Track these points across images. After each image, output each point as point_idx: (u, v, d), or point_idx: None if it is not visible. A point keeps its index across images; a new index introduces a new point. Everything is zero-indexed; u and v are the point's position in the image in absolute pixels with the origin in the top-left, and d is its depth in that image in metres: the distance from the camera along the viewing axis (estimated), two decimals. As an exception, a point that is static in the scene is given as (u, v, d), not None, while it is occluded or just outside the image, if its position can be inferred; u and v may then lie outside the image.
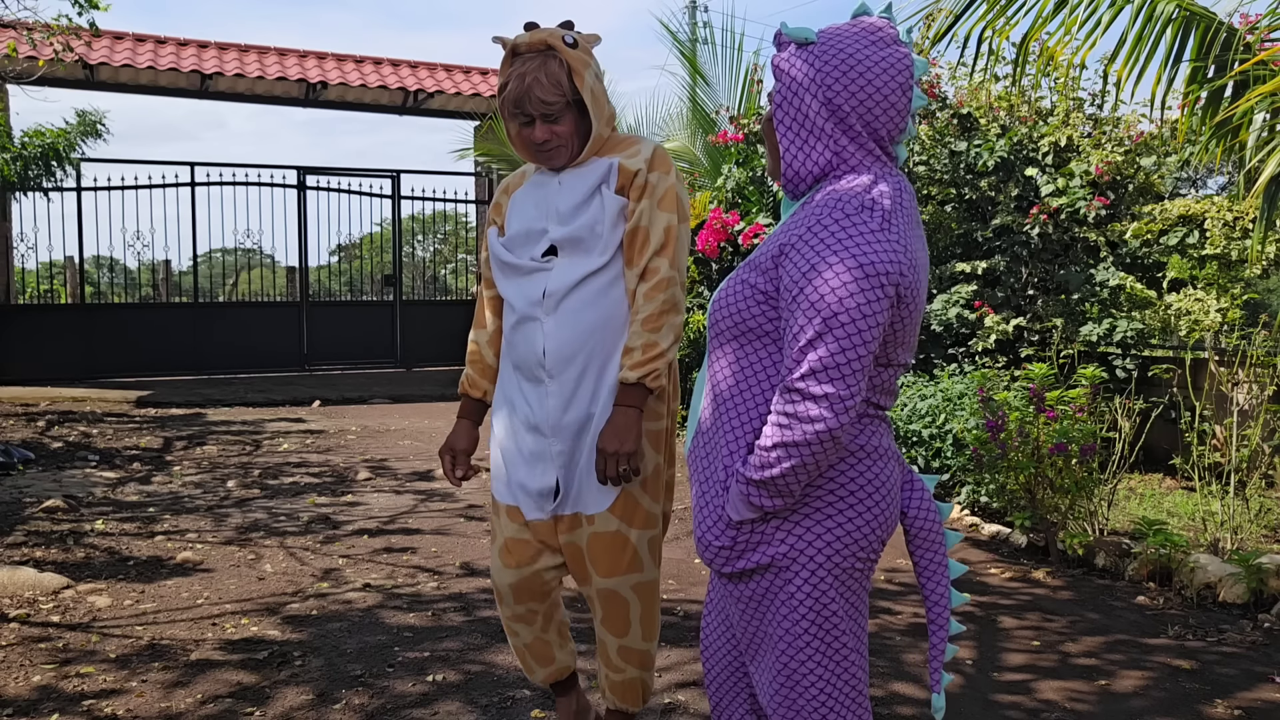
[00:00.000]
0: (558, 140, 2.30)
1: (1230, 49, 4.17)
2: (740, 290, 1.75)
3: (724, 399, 1.79)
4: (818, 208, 1.69)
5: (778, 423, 1.64)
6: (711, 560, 1.80)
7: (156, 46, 11.14)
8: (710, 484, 1.80)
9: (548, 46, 2.27)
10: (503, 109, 2.31)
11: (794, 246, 1.67)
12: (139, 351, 11.78)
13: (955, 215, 7.65)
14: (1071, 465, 4.56)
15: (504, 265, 2.40)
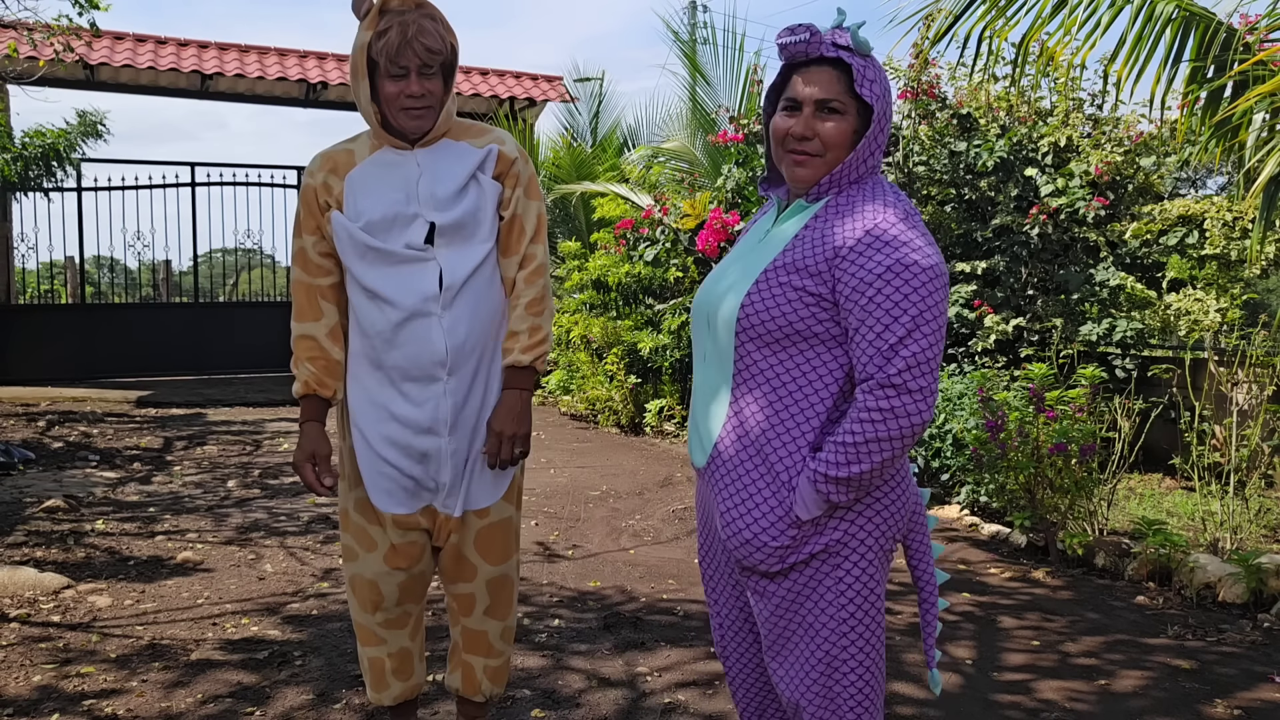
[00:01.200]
0: (431, 99, 2.17)
1: (1230, 49, 4.18)
2: (786, 294, 1.76)
3: (777, 401, 1.79)
4: (870, 217, 1.76)
5: (870, 419, 1.70)
6: (763, 560, 1.81)
7: (157, 47, 11.14)
8: (760, 486, 1.80)
9: (421, 4, 2.16)
10: (369, 62, 2.15)
11: (860, 251, 1.72)
12: (139, 351, 11.78)
13: (955, 215, 7.65)
14: (1071, 465, 4.56)
15: (371, 252, 2.19)
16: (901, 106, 7.55)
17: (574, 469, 6.76)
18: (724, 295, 1.86)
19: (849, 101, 1.79)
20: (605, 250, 9.28)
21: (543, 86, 12.53)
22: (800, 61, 1.81)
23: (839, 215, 1.80)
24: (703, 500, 2.02)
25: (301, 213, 2.27)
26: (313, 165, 2.28)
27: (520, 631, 3.60)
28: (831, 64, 1.79)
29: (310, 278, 2.27)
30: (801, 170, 1.82)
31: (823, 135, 1.79)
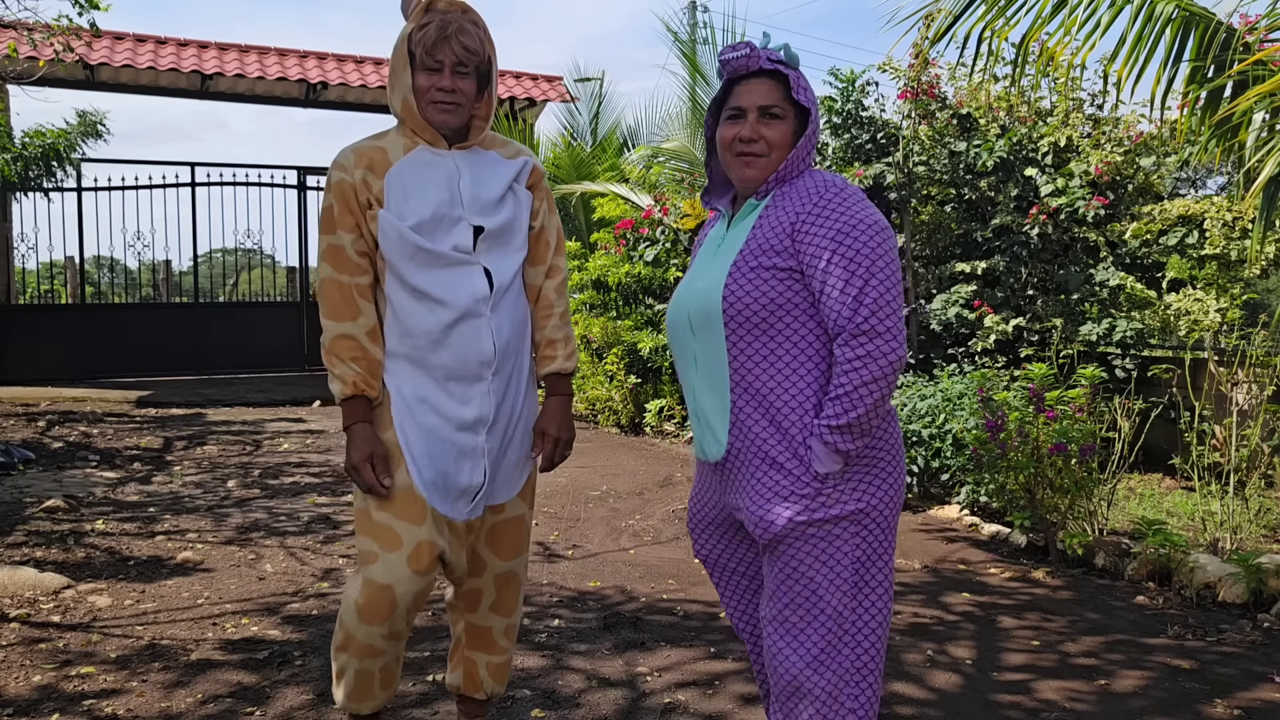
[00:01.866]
0: (462, 96, 2.19)
1: (1230, 49, 4.17)
2: (760, 275, 1.94)
3: (777, 374, 1.95)
4: (815, 190, 1.96)
5: (851, 367, 1.88)
6: (792, 517, 1.93)
7: (157, 47, 11.14)
8: (780, 453, 1.94)
9: (466, 9, 2.21)
10: (406, 54, 2.18)
11: (812, 220, 1.92)
12: (139, 351, 11.78)
13: (955, 215, 7.65)
14: (1071, 465, 4.56)
15: (421, 253, 2.20)
16: (901, 106, 7.55)
17: (574, 469, 6.76)
18: (700, 296, 2.01)
19: (787, 107, 2.01)
20: (605, 250, 9.28)
21: (543, 86, 12.53)
22: (741, 75, 2.03)
23: (787, 199, 2.00)
24: (708, 492, 2.17)
25: (337, 208, 2.21)
26: (345, 160, 2.23)
27: (520, 631, 3.59)
28: (769, 76, 2.01)
29: (348, 276, 2.22)
30: (750, 170, 2.01)
31: (767, 137, 1.99)
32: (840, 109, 7.48)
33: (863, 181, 7.07)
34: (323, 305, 2.23)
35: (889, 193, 7.13)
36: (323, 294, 2.24)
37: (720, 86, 2.08)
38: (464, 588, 2.42)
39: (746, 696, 3.06)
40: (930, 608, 3.97)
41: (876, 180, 7.06)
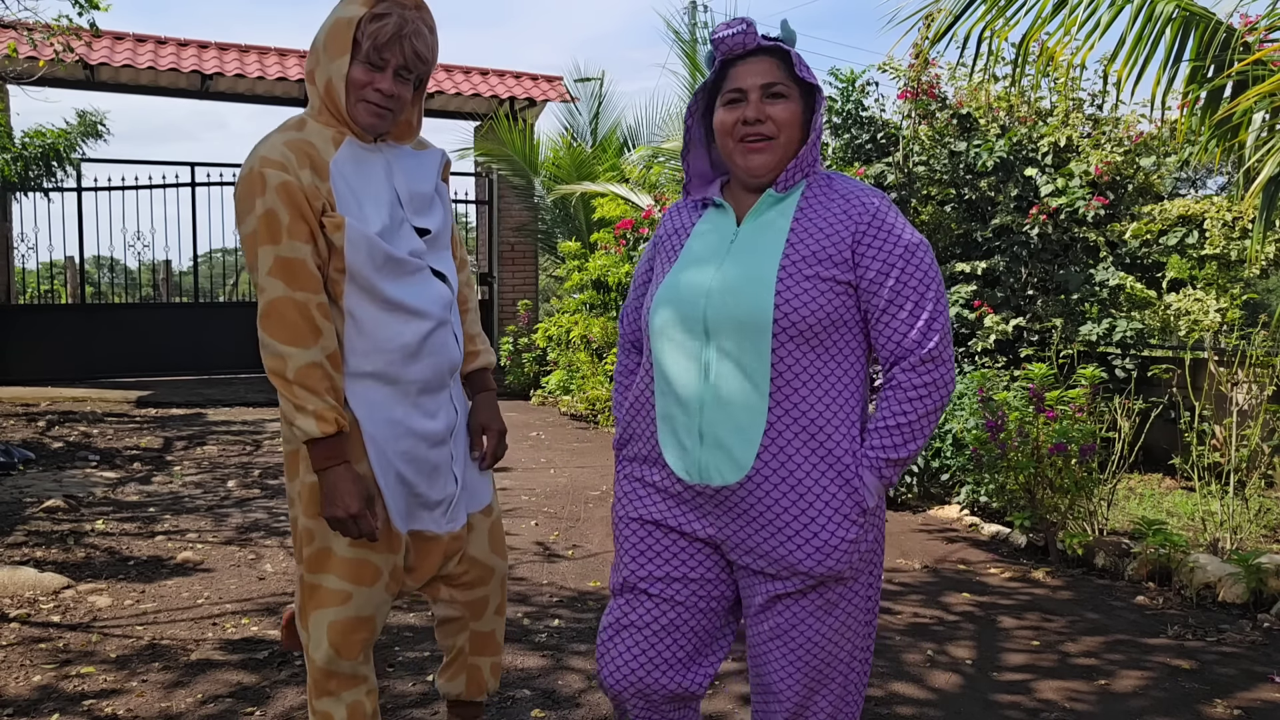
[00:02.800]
0: (397, 103, 2.03)
1: (1230, 49, 4.17)
2: (817, 287, 1.79)
3: (825, 395, 1.80)
4: (868, 201, 1.84)
5: (918, 395, 1.80)
6: (838, 562, 1.80)
7: (157, 47, 11.13)
8: (826, 484, 1.79)
9: (421, 6, 2.03)
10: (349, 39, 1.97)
11: (875, 235, 1.81)
12: (139, 351, 11.78)
13: (955, 215, 7.65)
14: (1071, 465, 4.56)
15: (391, 262, 2.02)
16: (902, 106, 7.55)
17: (574, 469, 6.76)
18: (728, 298, 1.80)
19: (791, 85, 1.85)
20: (605, 250, 9.28)
21: (543, 86, 12.52)
22: (737, 55, 1.86)
23: (833, 200, 1.86)
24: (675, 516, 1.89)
25: (285, 215, 1.92)
26: (282, 158, 1.94)
27: (520, 631, 3.60)
28: (767, 54, 1.86)
29: (306, 294, 1.94)
30: (758, 156, 1.84)
31: (774, 117, 1.83)
32: (840, 109, 7.48)
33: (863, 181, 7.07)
34: (276, 330, 1.94)
35: (889, 193, 7.13)
36: (276, 316, 1.94)
37: (713, 69, 1.90)
38: (471, 598, 2.33)
39: (746, 696, 3.06)
40: (930, 608, 3.97)
41: (877, 180, 7.06)
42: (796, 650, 1.86)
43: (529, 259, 12.75)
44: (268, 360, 1.98)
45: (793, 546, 1.80)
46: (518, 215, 12.60)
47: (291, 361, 1.95)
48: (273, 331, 1.95)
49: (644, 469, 1.93)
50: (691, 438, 1.83)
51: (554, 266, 12.79)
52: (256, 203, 1.93)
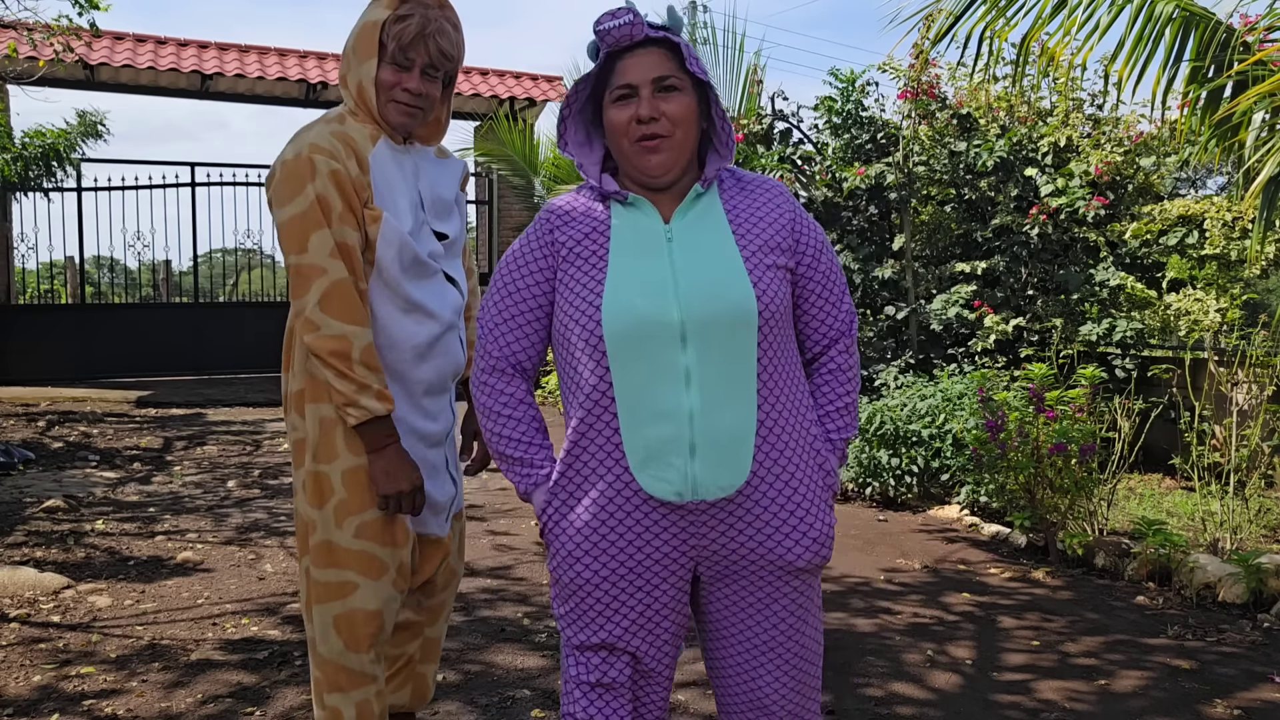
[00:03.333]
0: (426, 101, 2.06)
1: (1230, 49, 4.17)
2: (777, 275, 1.75)
3: (792, 385, 1.77)
4: (782, 191, 1.85)
5: (854, 374, 1.86)
6: (824, 549, 1.79)
7: (157, 47, 11.14)
8: (808, 475, 1.77)
9: (445, 5, 2.06)
10: (376, 41, 2.01)
11: (805, 221, 1.82)
12: (139, 351, 11.78)
13: (955, 215, 7.65)
14: (1071, 465, 4.56)
15: (417, 263, 2.05)
16: (902, 106, 7.55)
17: (574, 469, 6.75)
18: (708, 298, 1.69)
19: (684, 78, 1.72)
20: (605, 250, 9.26)
21: (543, 86, 12.53)
22: (624, 48, 1.72)
23: (751, 190, 1.82)
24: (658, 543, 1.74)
25: (337, 202, 1.96)
26: (331, 146, 1.98)
27: (520, 631, 3.60)
28: (656, 45, 1.72)
29: (357, 277, 1.99)
30: (656, 156, 1.71)
31: (669, 113, 1.70)
32: (840, 109, 7.48)
33: (864, 181, 7.07)
34: (340, 310, 1.95)
35: (889, 193, 7.13)
36: (339, 297, 1.95)
37: (597, 63, 1.75)
38: (434, 604, 2.32)
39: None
40: (930, 608, 3.97)
41: (877, 180, 7.06)
42: (787, 656, 1.81)
43: (529, 259, 12.74)
44: (328, 342, 1.95)
45: (790, 544, 1.75)
46: (517, 215, 12.60)
47: (357, 342, 1.96)
48: (336, 312, 1.95)
49: (598, 509, 1.72)
50: (681, 455, 1.67)
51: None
52: (308, 187, 1.95)
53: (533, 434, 1.80)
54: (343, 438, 2.04)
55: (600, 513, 1.73)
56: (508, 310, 1.79)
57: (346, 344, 1.96)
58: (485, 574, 4.31)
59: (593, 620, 1.78)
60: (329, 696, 2.10)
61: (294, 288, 1.98)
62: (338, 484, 2.05)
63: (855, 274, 7.23)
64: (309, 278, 1.95)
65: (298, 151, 1.97)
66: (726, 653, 1.83)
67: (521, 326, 1.79)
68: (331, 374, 1.96)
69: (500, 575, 4.31)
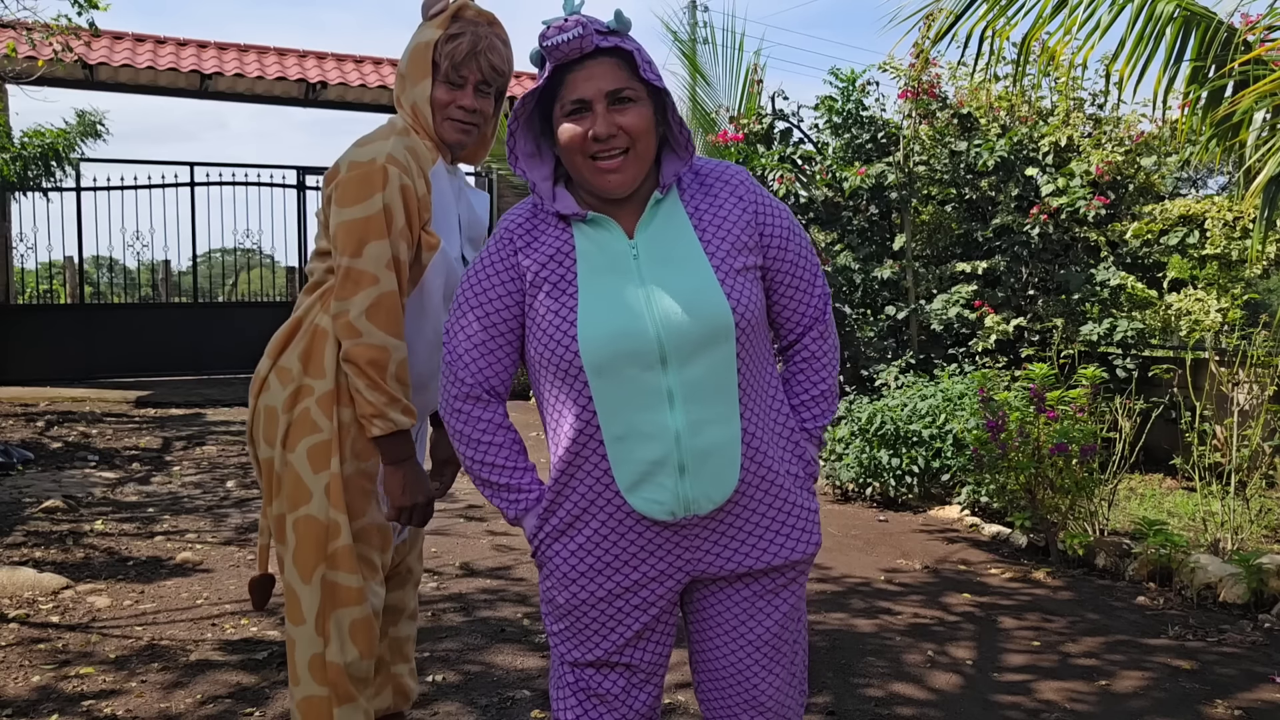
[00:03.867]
0: (480, 117, 2.09)
1: (1230, 48, 4.17)
2: (747, 278, 1.70)
3: (769, 386, 1.75)
4: (740, 176, 1.77)
5: (833, 359, 1.82)
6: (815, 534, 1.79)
7: (156, 46, 11.13)
8: (791, 471, 1.76)
9: (494, 22, 2.08)
10: (429, 62, 2.03)
11: (769, 209, 1.76)
12: (139, 352, 11.78)
13: (955, 215, 7.65)
14: (1072, 465, 4.55)
15: (451, 289, 2.08)
16: (902, 106, 7.55)
17: (574, 469, 6.75)
18: (684, 316, 1.64)
19: (639, 87, 1.64)
20: (605, 250, 9.26)
21: (542, 86, 12.53)
22: (573, 60, 1.63)
23: (710, 186, 1.74)
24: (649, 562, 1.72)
25: (402, 219, 1.97)
26: (404, 160, 1.98)
27: (520, 631, 3.60)
28: (607, 54, 1.63)
29: (402, 294, 2.00)
30: (617, 176, 1.63)
31: (626, 127, 1.62)
32: (841, 108, 7.48)
33: (864, 181, 7.06)
34: (386, 322, 1.95)
35: (889, 192, 7.13)
36: (388, 309, 1.95)
37: (545, 77, 1.66)
38: (394, 603, 2.33)
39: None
40: (931, 608, 3.97)
41: (877, 180, 7.05)
42: (783, 650, 1.81)
43: (529, 259, 12.73)
44: (368, 351, 1.94)
45: (781, 540, 1.74)
46: (517, 215, 12.59)
47: (395, 355, 1.97)
48: (381, 323, 1.95)
49: (591, 531, 1.70)
50: (671, 475, 1.64)
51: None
52: (377, 195, 1.95)
53: (516, 458, 1.75)
54: (353, 443, 2.06)
55: (595, 535, 1.70)
56: (477, 336, 1.72)
57: (385, 355, 1.96)
58: (485, 574, 4.30)
59: (588, 639, 1.77)
60: (341, 711, 2.06)
61: (340, 288, 1.97)
62: (369, 487, 2.09)
63: (856, 274, 7.22)
64: (359, 283, 1.94)
65: (373, 157, 1.97)
66: (721, 653, 1.82)
67: (494, 352, 1.72)
68: (364, 383, 1.96)
69: (500, 576, 4.30)
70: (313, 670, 2.06)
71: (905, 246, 7.29)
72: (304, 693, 2.06)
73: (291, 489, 2.04)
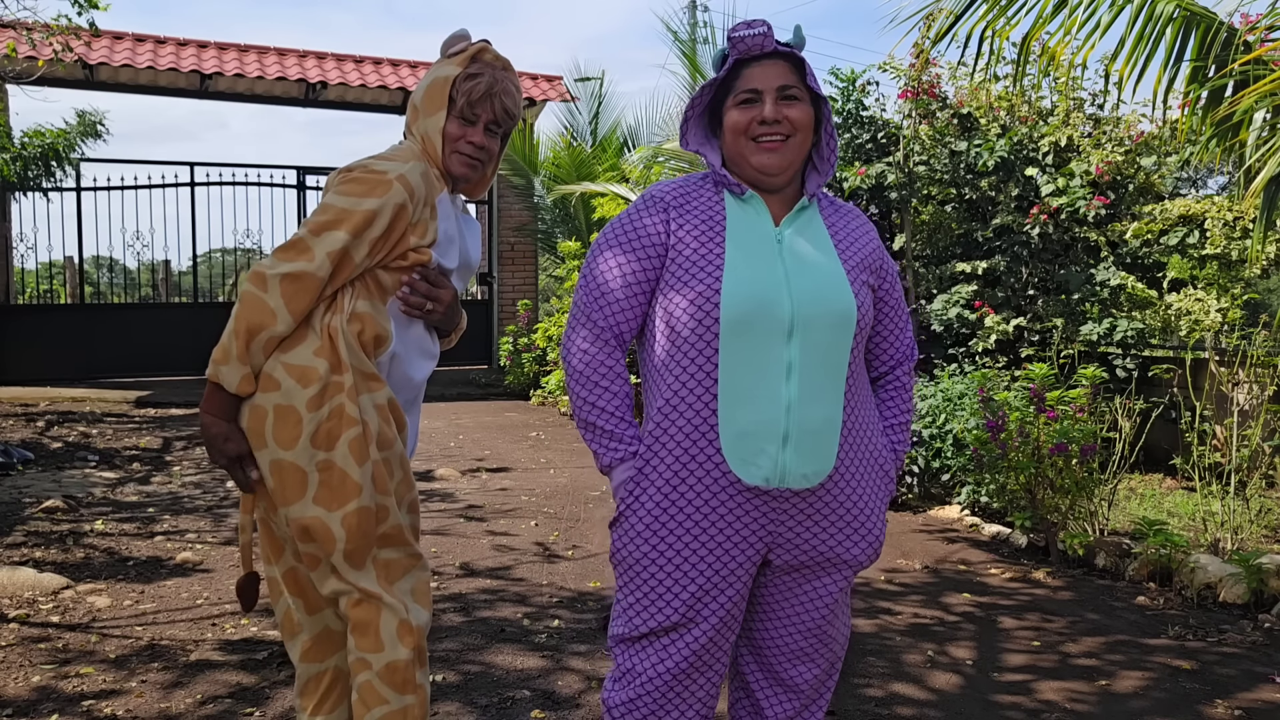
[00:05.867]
0: (487, 155, 2.19)
1: (1231, 48, 4.17)
2: (868, 293, 1.92)
3: (867, 397, 1.95)
4: (863, 219, 2.03)
5: (911, 394, 2.03)
6: (879, 547, 1.95)
7: (156, 46, 11.13)
8: (873, 480, 1.92)
9: (508, 66, 2.20)
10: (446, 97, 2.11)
11: (881, 247, 2.00)
12: (139, 351, 11.77)
13: (955, 215, 7.65)
14: (1072, 465, 4.55)
15: None
16: (902, 106, 7.55)
17: (574, 469, 6.75)
18: (819, 298, 1.80)
19: (804, 90, 1.88)
20: (605, 250, 9.26)
21: (543, 86, 12.52)
22: (752, 57, 1.86)
23: (843, 213, 1.99)
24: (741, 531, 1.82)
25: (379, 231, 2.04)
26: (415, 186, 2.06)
27: (520, 632, 3.60)
28: (781, 57, 1.87)
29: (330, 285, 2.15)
30: (773, 156, 1.84)
31: (791, 118, 1.84)
32: (841, 108, 7.48)
33: (864, 181, 7.06)
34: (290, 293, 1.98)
35: (889, 192, 7.13)
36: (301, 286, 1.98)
37: (726, 67, 1.88)
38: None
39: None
40: (930, 608, 3.97)
41: (877, 180, 7.05)
42: (826, 642, 1.98)
43: (529, 259, 12.74)
44: (256, 310, 1.97)
45: (853, 541, 1.89)
46: (517, 215, 12.60)
47: (275, 327, 1.98)
48: (287, 294, 1.98)
49: (683, 485, 1.80)
50: (774, 442, 1.76)
51: (554, 266, 12.79)
52: (368, 201, 2.01)
53: (625, 409, 1.88)
54: (385, 424, 2.10)
55: (684, 489, 1.81)
56: (624, 280, 1.86)
57: (269, 323, 1.98)
58: (485, 574, 4.31)
59: (659, 597, 1.84)
60: (420, 674, 2.10)
61: (281, 248, 2.01)
62: (396, 467, 2.13)
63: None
64: (299, 253, 1.99)
65: (386, 170, 2.04)
66: (772, 634, 1.97)
67: (633, 298, 1.87)
68: (230, 328, 2.01)
69: (500, 576, 4.30)
70: (401, 635, 2.07)
71: (905, 246, 7.28)
72: (388, 658, 2.06)
73: (337, 487, 2.02)
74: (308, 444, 2.01)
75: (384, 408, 2.10)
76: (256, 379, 2.01)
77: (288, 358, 2.02)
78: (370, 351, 2.09)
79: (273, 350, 2.01)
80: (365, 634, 2.06)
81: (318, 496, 2.02)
